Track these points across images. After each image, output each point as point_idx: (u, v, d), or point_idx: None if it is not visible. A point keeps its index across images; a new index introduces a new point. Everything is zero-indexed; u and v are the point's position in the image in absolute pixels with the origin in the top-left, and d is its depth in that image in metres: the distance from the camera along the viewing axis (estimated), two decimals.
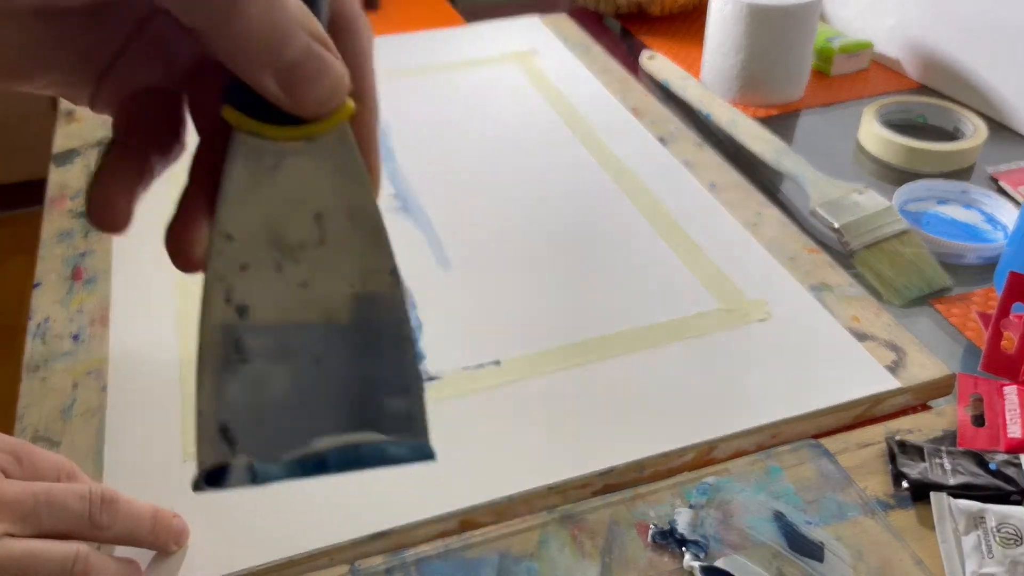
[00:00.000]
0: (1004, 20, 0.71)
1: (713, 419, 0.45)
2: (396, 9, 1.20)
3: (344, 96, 0.24)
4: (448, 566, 0.39)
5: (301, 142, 0.24)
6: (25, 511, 0.34)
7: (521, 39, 0.87)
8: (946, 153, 0.68)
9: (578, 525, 0.40)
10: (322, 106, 0.23)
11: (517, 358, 0.49)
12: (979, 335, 0.53)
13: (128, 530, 0.37)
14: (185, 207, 0.26)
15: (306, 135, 0.23)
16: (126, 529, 0.37)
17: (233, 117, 0.23)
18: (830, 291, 0.54)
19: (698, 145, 0.69)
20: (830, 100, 0.80)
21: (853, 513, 0.41)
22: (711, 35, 0.79)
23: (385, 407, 0.24)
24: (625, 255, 0.57)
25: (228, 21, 0.21)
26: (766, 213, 0.61)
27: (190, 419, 0.46)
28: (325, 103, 0.23)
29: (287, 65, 0.22)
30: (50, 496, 0.35)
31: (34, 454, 0.37)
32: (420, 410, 0.24)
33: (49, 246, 0.60)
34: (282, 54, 0.22)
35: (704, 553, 0.39)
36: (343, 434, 0.24)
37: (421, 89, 0.78)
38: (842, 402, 0.46)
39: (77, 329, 0.52)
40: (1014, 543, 0.38)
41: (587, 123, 0.72)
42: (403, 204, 0.63)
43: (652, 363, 0.49)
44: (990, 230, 0.61)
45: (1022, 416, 0.44)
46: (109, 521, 0.36)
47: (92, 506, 0.36)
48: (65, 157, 0.70)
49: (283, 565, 0.39)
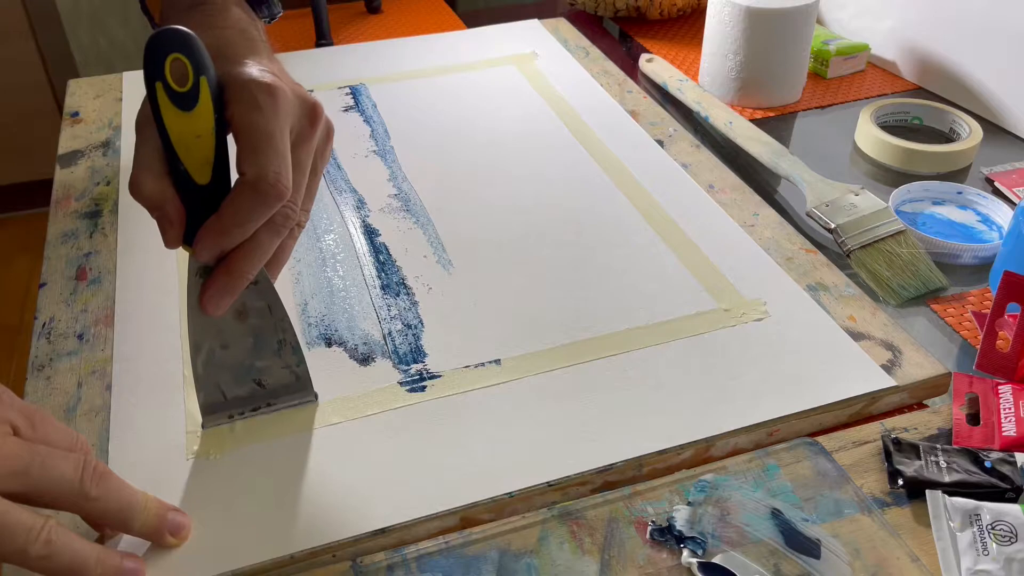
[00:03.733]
0: (999, 23, 0.72)
1: (711, 417, 0.46)
2: (398, 14, 1.21)
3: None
4: (449, 563, 0.39)
5: None
6: (18, 467, 0.34)
7: (521, 42, 0.87)
8: (942, 154, 0.69)
9: (577, 522, 0.41)
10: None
11: (517, 357, 0.50)
12: (974, 334, 0.53)
13: (115, 507, 0.37)
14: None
15: None
16: (114, 505, 0.37)
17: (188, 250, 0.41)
18: (827, 291, 0.54)
19: (696, 147, 0.70)
20: (827, 102, 0.80)
21: (850, 510, 0.41)
22: (709, 38, 0.80)
23: (285, 376, 0.47)
24: (624, 255, 0.58)
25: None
26: (763, 214, 0.62)
27: (193, 418, 0.46)
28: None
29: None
30: (45, 457, 0.35)
31: (48, 422, 0.37)
32: (305, 374, 0.47)
33: (54, 246, 0.60)
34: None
35: (702, 550, 0.39)
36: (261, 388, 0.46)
37: (422, 91, 0.78)
38: (839, 400, 0.47)
39: (82, 329, 0.53)
40: (1009, 540, 0.39)
41: (586, 125, 0.72)
42: (404, 204, 0.63)
43: (651, 362, 0.49)
44: (985, 231, 0.62)
45: (1017, 414, 0.45)
46: (98, 493, 0.36)
47: (85, 473, 0.36)
48: (70, 158, 0.70)
49: (285, 562, 0.39)
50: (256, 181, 0.39)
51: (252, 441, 0.45)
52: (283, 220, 0.41)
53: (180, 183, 0.40)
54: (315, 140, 0.44)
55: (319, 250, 0.59)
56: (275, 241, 0.42)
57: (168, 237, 0.41)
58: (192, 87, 0.38)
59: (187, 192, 0.40)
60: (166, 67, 0.38)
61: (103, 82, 0.82)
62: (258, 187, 0.39)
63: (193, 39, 0.38)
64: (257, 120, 0.40)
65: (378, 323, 0.53)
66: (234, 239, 0.40)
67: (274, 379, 0.46)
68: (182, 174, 0.40)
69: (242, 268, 0.41)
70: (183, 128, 0.39)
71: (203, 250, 0.40)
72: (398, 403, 0.47)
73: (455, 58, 0.84)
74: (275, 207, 0.40)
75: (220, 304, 0.42)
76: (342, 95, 0.78)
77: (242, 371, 0.45)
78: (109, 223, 0.62)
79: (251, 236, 0.41)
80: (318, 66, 0.83)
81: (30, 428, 0.36)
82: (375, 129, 0.73)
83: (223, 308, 0.42)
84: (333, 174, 0.67)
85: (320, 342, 0.51)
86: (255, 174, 0.39)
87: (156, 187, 0.39)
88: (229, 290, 0.42)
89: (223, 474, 0.43)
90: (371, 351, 0.51)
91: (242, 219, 0.40)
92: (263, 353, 0.45)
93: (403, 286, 0.56)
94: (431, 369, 0.49)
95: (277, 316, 0.45)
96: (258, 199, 0.39)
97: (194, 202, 0.40)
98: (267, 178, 0.39)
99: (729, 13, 0.76)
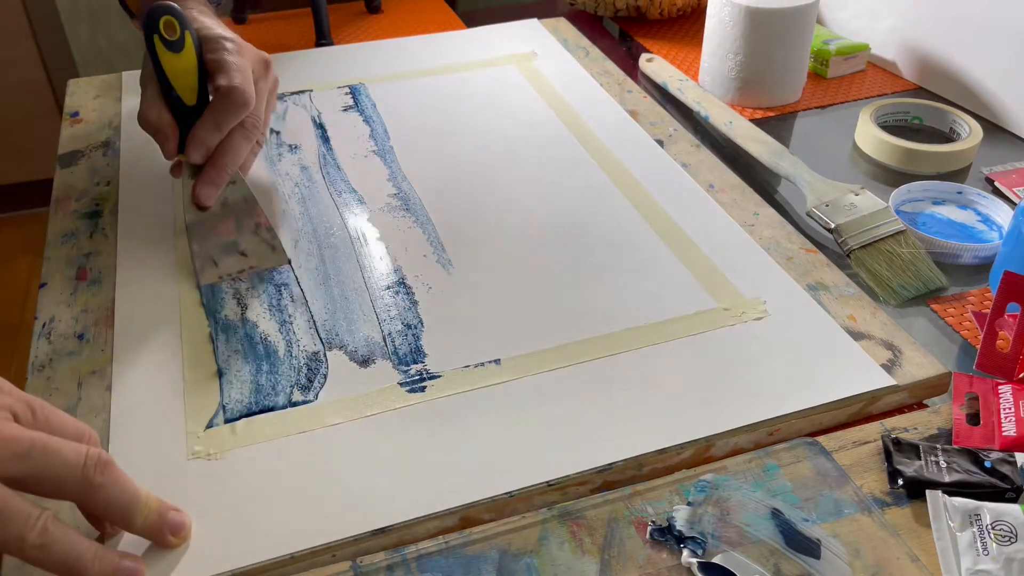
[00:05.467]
0: (1000, 22, 0.72)
1: (711, 417, 0.46)
2: (398, 13, 1.21)
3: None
4: (449, 563, 0.39)
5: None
6: (19, 450, 0.34)
7: (521, 42, 0.87)
8: (942, 154, 0.69)
9: (577, 522, 0.41)
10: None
11: (517, 357, 0.50)
12: (975, 334, 0.53)
13: (118, 499, 0.37)
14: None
15: None
16: (116, 497, 0.37)
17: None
18: (827, 290, 0.54)
19: (696, 146, 0.70)
20: (827, 102, 0.80)
21: (850, 510, 0.41)
22: (709, 37, 0.80)
23: (263, 247, 0.58)
24: (624, 255, 0.58)
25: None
26: (763, 213, 0.62)
27: (194, 419, 0.46)
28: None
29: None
30: (47, 442, 0.35)
31: (51, 412, 0.38)
32: (279, 245, 0.58)
33: (55, 246, 0.60)
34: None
35: (702, 550, 0.39)
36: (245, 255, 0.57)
37: (422, 91, 0.78)
38: (838, 399, 0.47)
39: (82, 329, 0.53)
40: (1009, 540, 0.39)
41: (586, 125, 0.72)
42: (404, 204, 0.63)
43: (651, 361, 0.49)
44: (985, 230, 0.62)
45: (1017, 414, 0.45)
46: (101, 481, 0.36)
47: (88, 460, 0.36)
48: (70, 158, 0.70)
49: (285, 561, 0.39)
50: (228, 90, 0.55)
51: (252, 441, 0.45)
52: (251, 127, 0.57)
53: (174, 108, 0.56)
54: (269, 80, 0.62)
55: (319, 250, 0.59)
56: (246, 144, 0.57)
57: (167, 149, 0.56)
58: (180, 37, 0.55)
59: (180, 113, 0.56)
60: (160, 25, 0.54)
61: (103, 82, 0.82)
62: (230, 95, 0.55)
63: (178, 8, 0.55)
64: (226, 55, 0.56)
65: (378, 323, 0.53)
66: (215, 138, 0.56)
67: (254, 250, 0.58)
68: (175, 100, 0.56)
69: (223, 163, 0.56)
70: (175, 65, 0.55)
71: (193, 150, 0.55)
72: (398, 403, 0.47)
73: (455, 58, 0.84)
74: (243, 112, 0.56)
75: (209, 195, 0.57)
76: (342, 95, 0.78)
77: (229, 246, 0.58)
78: (109, 223, 0.62)
79: (228, 138, 0.56)
80: (318, 66, 0.83)
81: (31, 416, 0.36)
82: (375, 129, 0.73)
83: (212, 199, 0.57)
84: (333, 174, 0.67)
85: (320, 344, 0.51)
86: (227, 85, 0.55)
87: (157, 114, 0.55)
88: (215, 181, 0.57)
89: (223, 474, 0.43)
90: (371, 352, 0.51)
91: (220, 119, 0.55)
92: (244, 234, 0.58)
93: (403, 286, 0.56)
94: (431, 369, 0.49)
95: (252, 206, 0.59)
96: (230, 103, 0.55)
97: (185, 120, 0.56)
98: (236, 86, 0.55)
99: (729, 13, 0.76)
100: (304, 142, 0.71)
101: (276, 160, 0.69)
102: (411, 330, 0.52)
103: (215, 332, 0.52)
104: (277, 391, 0.48)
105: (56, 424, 0.37)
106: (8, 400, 0.36)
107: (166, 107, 0.55)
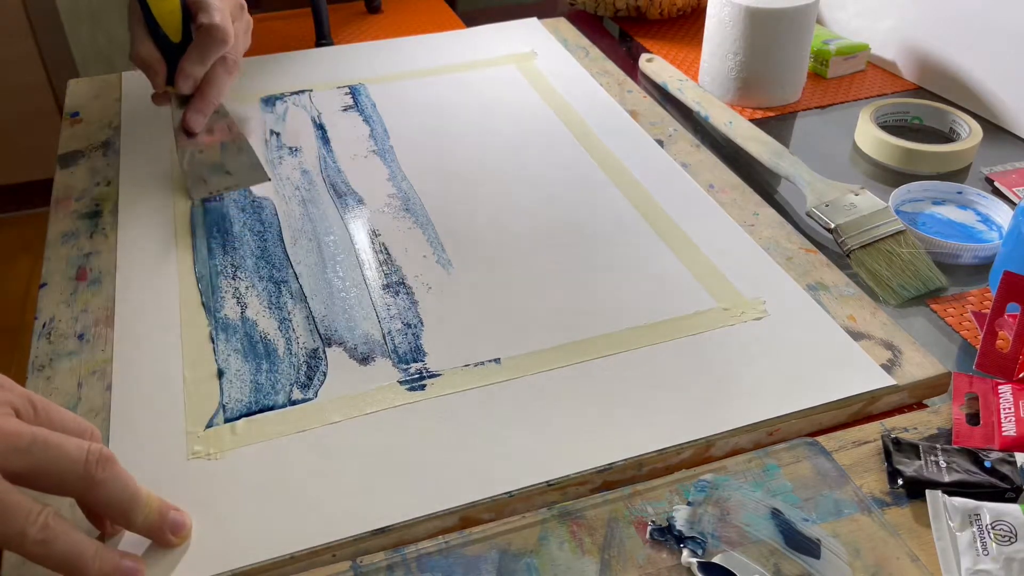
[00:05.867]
0: (999, 22, 0.72)
1: (711, 417, 0.46)
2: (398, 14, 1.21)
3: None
4: (448, 563, 0.39)
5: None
6: (20, 445, 0.34)
7: (520, 41, 0.87)
8: (942, 154, 0.69)
9: (577, 522, 0.41)
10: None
11: (517, 356, 0.50)
12: (974, 334, 0.53)
13: (119, 496, 0.37)
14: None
15: None
16: (118, 493, 0.37)
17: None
18: (826, 290, 0.54)
19: (696, 146, 0.70)
20: (827, 102, 0.80)
21: (849, 510, 0.41)
22: (709, 38, 0.80)
23: (245, 166, 0.66)
24: (624, 255, 0.58)
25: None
26: (763, 213, 0.62)
27: (194, 419, 0.46)
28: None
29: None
30: (49, 436, 0.35)
31: (52, 408, 0.38)
32: (259, 164, 0.66)
33: (54, 247, 0.60)
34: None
35: (702, 550, 0.39)
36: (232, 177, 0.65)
37: (422, 91, 0.78)
38: (838, 399, 0.47)
39: (82, 329, 0.53)
40: (1009, 540, 0.39)
41: (586, 124, 0.72)
42: (404, 204, 0.63)
43: (651, 361, 0.49)
44: (985, 230, 0.62)
45: (1016, 414, 0.45)
46: (103, 477, 0.36)
47: (90, 456, 0.36)
48: (70, 159, 0.70)
49: (285, 561, 0.39)
50: (209, 26, 0.62)
51: (252, 441, 0.45)
52: (232, 62, 0.65)
53: (162, 46, 0.63)
54: (243, 20, 0.69)
55: (319, 250, 0.59)
56: (227, 77, 0.65)
57: (156, 82, 0.64)
58: None
59: (167, 51, 0.63)
60: None
61: (103, 82, 0.82)
62: (211, 31, 0.62)
63: None
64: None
65: (378, 322, 0.53)
66: (200, 69, 0.63)
67: (237, 168, 0.66)
68: (162, 38, 0.63)
69: (209, 93, 0.64)
70: (161, 7, 0.62)
71: (182, 81, 0.63)
72: (398, 402, 0.47)
73: (455, 58, 0.84)
74: (224, 47, 0.63)
75: (198, 121, 0.64)
76: (342, 95, 0.78)
77: (215, 167, 0.65)
78: (109, 223, 0.62)
79: (211, 71, 0.64)
80: (318, 66, 0.83)
81: (32, 412, 0.36)
82: (374, 129, 0.73)
83: (200, 125, 0.65)
84: (333, 174, 0.67)
85: (320, 341, 0.51)
86: (207, 22, 0.62)
87: (147, 51, 0.63)
88: (202, 109, 0.64)
89: (223, 474, 0.43)
90: (371, 350, 0.51)
91: (203, 53, 0.63)
92: (228, 156, 0.66)
93: (403, 285, 0.56)
94: (431, 368, 0.49)
95: (235, 132, 0.67)
96: (211, 38, 0.62)
97: (172, 56, 0.63)
98: (215, 23, 0.62)
99: (729, 13, 0.76)
100: (304, 142, 0.71)
101: (277, 162, 0.69)
102: (411, 329, 0.52)
103: (215, 331, 0.52)
104: (277, 390, 0.48)
105: (57, 420, 0.37)
106: (9, 396, 0.36)
107: (155, 46, 0.63)
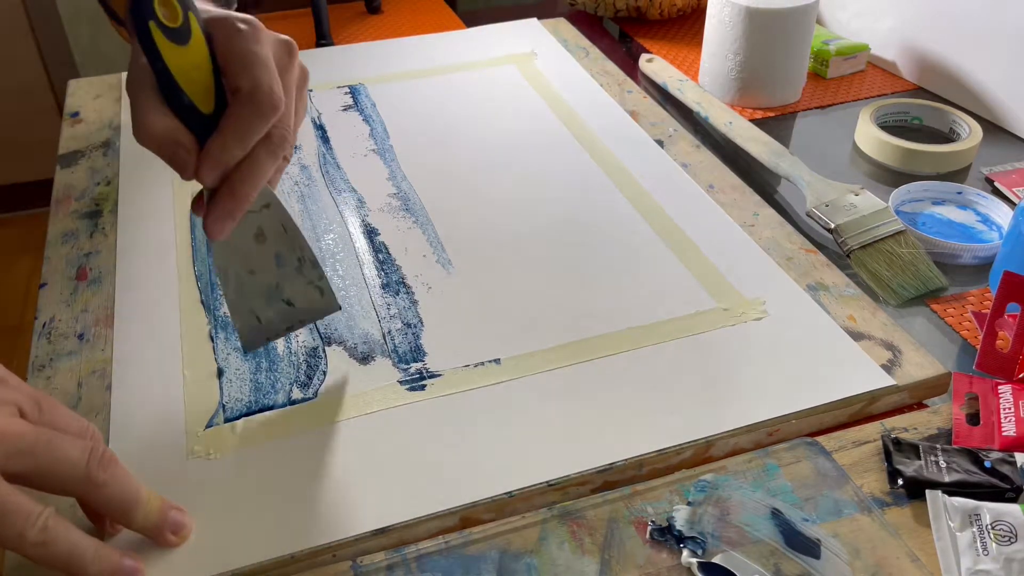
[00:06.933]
0: (999, 23, 0.72)
1: (711, 417, 0.46)
2: (398, 14, 1.21)
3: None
4: (449, 562, 0.39)
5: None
6: (23, 445, 0.34)
7: (520, 42, 0.87)
8: (942, 154, 0.69)
9: (577, 522, 0.41)
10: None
11: (517, 356, 0.50)
12: (974, 334, 0.53)
13: (120, 496, 0.37)
14: None
15: None
16: (119, 494, 0.37)
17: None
18: (827, 291, 0.54)
19: (696, 147, 0.70)
20: (827, 102, 0.80)
21: (850, 510, 0.41)
22: (709, 38, 0.80)
23: (310, 292, 0.48)
24: (624, 255, 0.58)
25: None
26: (763, 214, 0.62)
27: (193, 418, 0.46)
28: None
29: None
30: (52, 438, 0.35)
31: (56, 408, 0.37)
32: (327, 288, 0.49)
33: (55, 246, 0.60)
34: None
35: (702, 550, 0.39)
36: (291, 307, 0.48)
37: (422, 91, 0.78)
38: (838, 400, 0.47)
39: (82, 329, 0.53)
40: (1009, 540, 0.39)
41: (586, 125, 0.73)
42: (403, 203, 0.63)
43: (651, 361, 0.49)
44: (985, 231, 0.62)
45: (1017, 414, 0.45)
46: (104, 477, 0.36)
47: (92, 457, 0.36)
48: (70, 159, 0.70)
49: (285, 561, 0.39)
50: (252, 91, 0.40)
51: (252, 441, 0.45)
52: (280, 139, 0.42)
53: (186, 118, 0.41)
54: (295, 70, 0.45)
55: (319, 249, 0.59)
56: (272, 162, 0.42)
57: (187, 166, 0.41)
58: (183, 23, 0.40)
59: (193, 125, 0.41)
60: (155, 8, 0.39)
61: (103, 82, 0.82)
62: (255, 97, 0.40)
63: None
64: (243, 43, 0.41)
65: (378, 322, 0.53)
66: (235, 154, 0.41)
67: (300, 296, 0.48)
68: (187, 107, 0.41)
69: (243, 190, 0.41)
70: (183, 61, 0.40)
71: (207, 170, 0.40)
72: (398, 402, 0.47)
73: (455, 58, 0.84)
74: (271, 119, 0.41)
75: (223, 228, 0.42)
76: (341, 95, 0.78)
77: (270, 292, 0.47)
78: (109, 223, 0.62)
79: (250, 155, 0.41)
80: (318, 66, 0.83)
81: (37, 411, 0.36)
82: (374, 128, 0.73)
83: (226, 231, 0.42)
84: (332, 174, 0.67)
85: (319, 339, 0.51)
86: (250, 86, 0.40)
87: (164, 123, 0.40)
88: (231, 213, 0.42)
89: (223, 474, 0.43)
90: (371, 350, 0.51)
91: (242, 132, 0.40)
92: (286, 272, 0.47)
93: (402, 285, 0.56)
94: (431, 368, 0.49)
95: (292, 235, 0.46)
96: (256, 109, 0.40)
97: (202, 134, 0.41)
98: (262, 87, 0.40)
99: (729, 13, 0.76)
100: (304, 142, 0.71)
101: None
102: (411, 329, 0.52)
103: (215, 331, 0.52)
104: (277, 389, 0.48)
105: (60, 420, 0.37)
106: (15, 395, 0.36)
107: (173, 115, 0.41)
